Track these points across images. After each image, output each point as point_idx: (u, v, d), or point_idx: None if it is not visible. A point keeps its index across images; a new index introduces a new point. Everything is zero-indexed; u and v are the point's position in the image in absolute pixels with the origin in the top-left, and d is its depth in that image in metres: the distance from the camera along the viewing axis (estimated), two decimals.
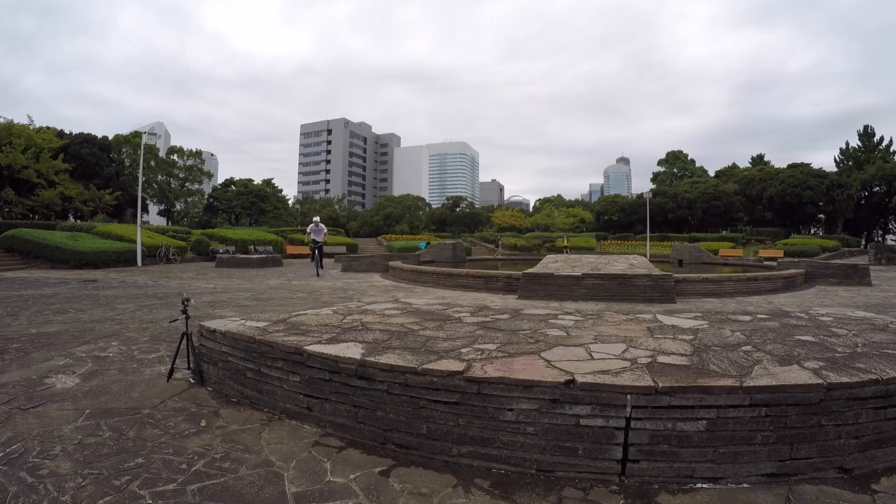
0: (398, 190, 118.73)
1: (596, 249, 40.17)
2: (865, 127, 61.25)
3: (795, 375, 2.42)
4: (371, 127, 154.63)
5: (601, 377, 2.37)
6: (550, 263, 12.40)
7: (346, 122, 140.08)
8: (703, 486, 2.31)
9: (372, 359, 2.67)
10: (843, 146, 61.75)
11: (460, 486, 2.34)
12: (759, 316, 4.44)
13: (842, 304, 9.97)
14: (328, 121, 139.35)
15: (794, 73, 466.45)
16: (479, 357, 2.68)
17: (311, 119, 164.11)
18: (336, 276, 15.57)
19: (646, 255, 27.79)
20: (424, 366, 2.54)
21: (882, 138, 60.03)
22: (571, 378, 2.34)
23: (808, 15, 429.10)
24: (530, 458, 2.39)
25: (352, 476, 2.44)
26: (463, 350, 2.82)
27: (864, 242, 47.02)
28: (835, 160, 61.90)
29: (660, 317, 4.14)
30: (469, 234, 57.30)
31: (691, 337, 3.35)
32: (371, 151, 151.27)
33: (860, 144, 60.96)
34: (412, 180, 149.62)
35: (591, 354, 2.80)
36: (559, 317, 4.08)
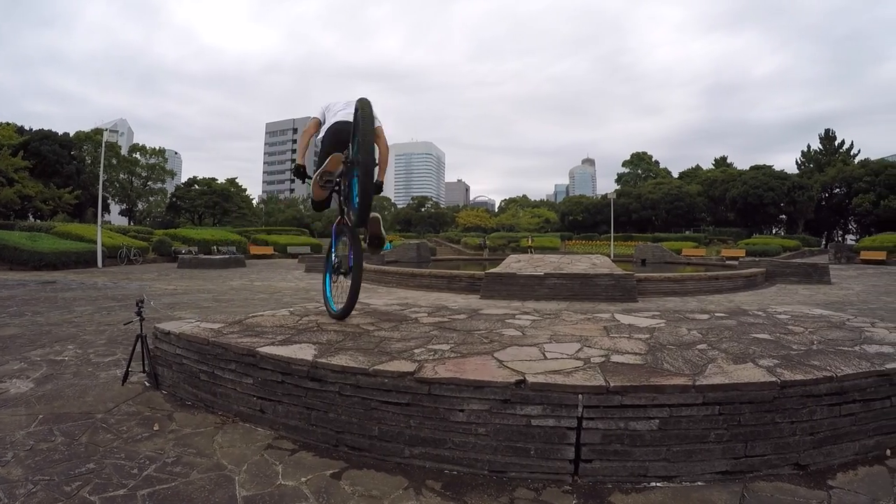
0: None
1: (560, 249, 40.14)
2: (827, 130, 62.98)
3: (749, 374, 2.40)
4: None
5: (553, 377, 2.33)
6: (513, 263, 12.44)
7: None
8: (657, 484, 2.28)
9: (324, 360, 2.60)
10: (805, 149, 63.41)
11: (412, 488, 2.29)
12: (716, 314, 4.45)
13: (801, 301, 10.19)
14: (294, 119, 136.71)
15: (759, 78, 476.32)
16: (431, 358, 2.62)
17: (279, 117, 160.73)
18: (299, 277, 15.41)
19: (610, 255, 28.15)
20: (376, 367, 2.48)
21: (843, 142, 61.72)
22: (522, 378, 2.30)
23: (775, 22, 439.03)
24: (482, 458, 2.34)
25: (303, 479, 2.38)
26: (416, 351, 2.76)
27: (824, 242, 48.45)
28: (796, 163, 63.79)
29: (618, 316, 4.12)
30: (434, 234, 57.37)
31: (647, 336, 3.33)
32: None
33: (821, 147, 62.85)
34: None
35: (544, 354, 2.76)
36: (516, 316, 4.04)
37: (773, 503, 2.18)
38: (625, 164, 74.66)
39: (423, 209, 73.42)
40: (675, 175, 67.30)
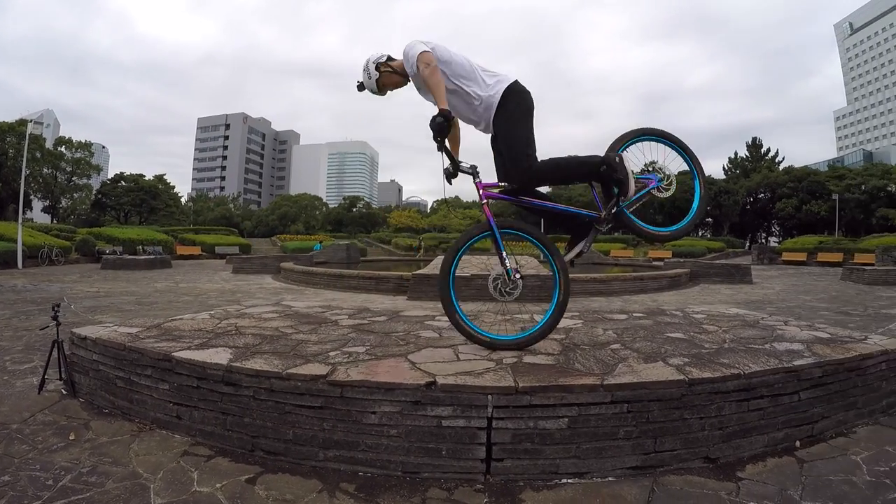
0: (295, 189, 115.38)
1: (490, 250, 40.62)
2: (754, 139, 66.75)
3: (658, 372, 2.45)
4: (271, 123, 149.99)
5: (463, 378, 2.33)
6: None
7: (246, 118, 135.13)
8: (569, 481, 2.31)
9: (238, 364, 2.54)
10: (733, 156, 67.26)
11: (325, 491, 2.26)
12: (634, 314, 4.54)
13: (723, 301, 10.64)
14: (227, 115, 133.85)
15: (692, 87, 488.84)
16: (345, 360, 2.59)
17: (212, 112, 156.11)
18: (226, 279, 15.17)
19: (539, 256, 28.42)
20: (289, 370, 2.44)
21: (769, 150, 65.66)
22: (433, 380, 2.29)
23: (711, 34, 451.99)
24: (395, 460, 2.33)
25: (218, 485, 2.33)
26: (331, 354, 2.73)
27: (748, 244, 51.26)
28: (723, 168, 67.57)
29: (536, 317, 4.08)
30: (365, 235, 57.48)
31: (563, 336, 3.36)
32: (269, 148, 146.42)
33: (748, 155, 66.92)
34: (310, 179, 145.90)
35: (458, 356, 2.76)
36: (436, 318, 4.03)
37: (683, 496, 2.22)
38: None
39: (354, 209, 73.06)
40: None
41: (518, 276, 2.93)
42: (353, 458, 2.37)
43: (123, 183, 53.34)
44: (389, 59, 3.08)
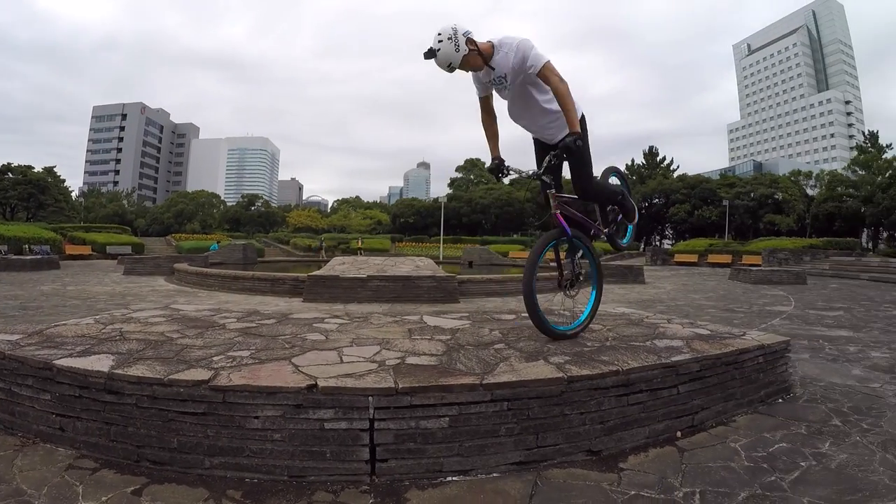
0: (193, 185, 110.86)
1: (391, 251, 40.98)
2: (651, 147, 71.03)
3: (538, 370, 2.55)
4: (170, 115, 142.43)
5: (344, 380, 2.35)
6: (337, 265, 12.43)
7: (144, 108, 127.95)
8: (454, 478, 2.35)
9: (120, 371, 2.47)
10: (630, 162, 70.98)
11: (212, 500, 2.22)
12: (522, 314, 4.59)
13: (615, 300, 11.02)
14: (124, 104, 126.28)
15: (596, 96, 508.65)
16: (229, 365, 2.57)
17: (109, 101, 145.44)
18: (117, 281, 14.57)
19: (439, 258, 29.24)
20: (171, 376, 2.39)
21: (664, 158, 70.21)
22: (314, 383, 2.30)
23: (617, 47, 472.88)
24: (280, 464, 2.32)
25: (103, 498, 2.25)
26: (215, 358, 2.70)
27: (643, 246, 53.30)
28: None
29: (426, 318, 4.22)
30: (263, 235, 56.48)
31: (448, 337, 3.43)
32: (167, 142, 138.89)
33: (644, 162, 71.51)
34: (208, 175, 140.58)
35: (341, 358, 2.78)
36: (325, 320, 4.04)
37: (566, 488, 2.31)
38: (458, 169, 77.73)
39: (253, 208, 71.68)
40: (506, 181, 71.91)
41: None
42: (239, 464, 2.35)
43: (11, 175, 49.28)
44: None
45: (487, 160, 3.47)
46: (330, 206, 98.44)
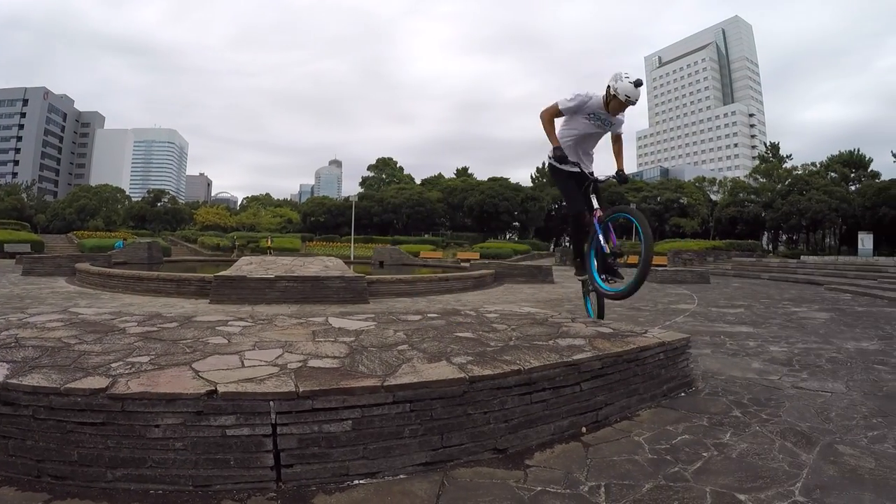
0: (97, 178, 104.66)
1: (301, 251, 40.96)
2: None
3: (440, 371, 2.63)
4: (74, 101, 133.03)
5: (245, 385, 2.36)
6: (244, 265, 12.30)
7: (47, 93, 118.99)
8: (360, 482, 2.40)
9: (15, 381, 2.40)
10: (540, 165, 73.01)
11: None
12: (429, 315, 4.73)
13: (524, 299, 11.40)
14: (26, 88, 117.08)
15: (509, 100, 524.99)
16: (127, 371, 2.53)
17: (10, 84, 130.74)
18: (15, 282, 13.81)
19: (350, 257, 29.43)
20: (68, 385, 2.34)
21: None
22: (214, 388, 2.31)
23: (532, 54, 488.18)
24: (185, 474, 2.31)
25: None
26: (114, 364, 2.65)
27: (552, 247, 56.04)
28: (531, 177, 75.13)
29: (331, 319, 4.24)
30: (170, 233, 55.27)
31: (352, 339, 3.47)
32: (70, 131, 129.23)
33: None
34: (113, 168, 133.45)
35: (243, 362, 2.78)
36: (229, 323, 4.01)
37: (473, 487, 2.37)
38: (370, 167, 78.37)
39: (159, 204, 69.46)
40: (418, 181, 72.41)
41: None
42: (142, 475, 2.33)
43: None
44: None
45: (401, 160, 3.73)
46: (239, 203, 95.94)
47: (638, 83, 3.95)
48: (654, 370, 3.45)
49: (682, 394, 3.76)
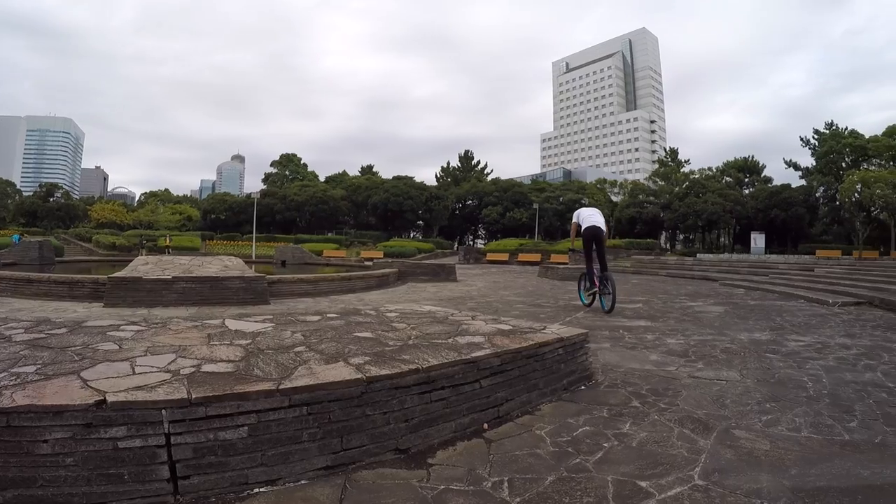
0: None
1: (201, 250, 40.05)
2: (466, 151, 77.18)
3: (337, 373, 2.70)
4: None
5: (135, 394, 2.34)
6: (140, 266, 11.89)
7: None
8: (261, 489, 2.41)
9: None
10: (445, 165, 76.94)
11: None
12: (328, 315, 4.74)
13: (427, 298, 11.57)
14: None
15: (417, 99, 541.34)
16: (12, 383, 2.45)
17: None
18: None
19: (252, 256, 29.40)
20: None
21: (479, 162, 77.02)
22: (103, 398, 2.27)
23: (441, 55, 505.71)
24: (78, 491, 2.28)
25: None
26: None
27: (456, 245, 57.92)
28: (436, 176, 78.66)
29: (227, 322, 4.22)
30: (63, 231, 53.04)
31: (248, 341, 3.47)
32: None
33: (460, 165, 77.89)
34: (3, 159, 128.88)
35: (134, 369, 2.74)
36: (121, 328, 3.91)
37: (376, 488, 2.42)
38: (273, 164, 77.87)
39: (52, 199, 66.53)
40: (323, 179, 72.75)
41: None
42: (34, 495, 2.27)
43: None
44: None
45: (306, 156, 3.77)
46: (137, 199, 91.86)
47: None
48: (553, 365, 3.66)
49: (583, 387, 3.98)
